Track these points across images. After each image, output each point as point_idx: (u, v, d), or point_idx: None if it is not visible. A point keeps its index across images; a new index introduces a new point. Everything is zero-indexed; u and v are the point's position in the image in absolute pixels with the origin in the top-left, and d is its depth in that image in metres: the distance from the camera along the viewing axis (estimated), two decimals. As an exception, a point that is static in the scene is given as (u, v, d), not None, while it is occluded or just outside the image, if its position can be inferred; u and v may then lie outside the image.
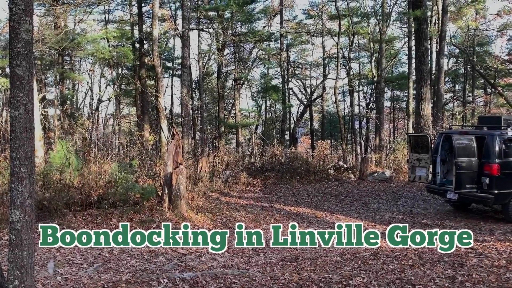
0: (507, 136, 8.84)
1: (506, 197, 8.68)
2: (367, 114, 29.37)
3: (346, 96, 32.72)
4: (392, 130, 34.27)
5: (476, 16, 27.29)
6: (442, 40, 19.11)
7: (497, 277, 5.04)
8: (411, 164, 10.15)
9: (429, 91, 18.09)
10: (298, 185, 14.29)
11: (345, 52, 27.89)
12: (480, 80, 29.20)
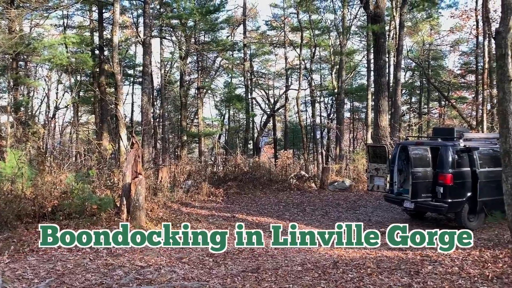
0: (459, 147, 9.23)
1: (459, 205, 9.03)
2: (328, 125, 29.93)
3: (308, 106, 33.24)
4: (352, 140, 35.11)
5: (431, 32, 28.56)
6: (399, 54, 19.83)
7: (450, 284, 5.21)
8: (370, 174, 10.39)
9: (387, 103, 18.68)
10: (261, 194, 14.31)
11: (307, 63, 28.38)
12: (435, 93, 30.45)
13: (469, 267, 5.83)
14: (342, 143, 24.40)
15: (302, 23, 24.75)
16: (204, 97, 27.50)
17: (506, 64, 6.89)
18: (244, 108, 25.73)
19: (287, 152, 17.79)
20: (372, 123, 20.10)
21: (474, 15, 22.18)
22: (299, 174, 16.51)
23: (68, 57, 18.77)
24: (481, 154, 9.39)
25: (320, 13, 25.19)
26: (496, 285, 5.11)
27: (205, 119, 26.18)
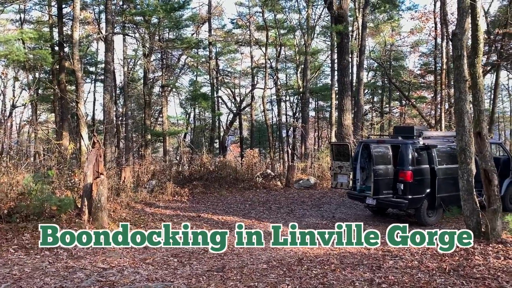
0: (419, 145, 9.54)
1: (418, 201, 9.33)
2: (293, 123, 30.23)
3: (274, 105, 33.43)
4: (317, 138, 35.58)
5: (392, 33, 29.38)
6: (362, 54, 20.28)
7: (410, 278, 5.37)
8: (333, 172, 10.56)
9: (350, 102, 19.07)
10: (227, 193, 14.27)
11: (272, 62, 28.55)
12: (396, 92, 31.33)
13: (428, 261, 6.03)
14: (308, 142, 24.71)
15: (268, 22, 24.87)
16: (169, 95, 27.12)
17: (462, 65, 7.18)
18: (210, 107, 25.58)
19: (253, 151, 17.78)
20: (336, 121, 20.44)
21: (433, 17, 22.98)
22: (265, 173, 16.58)
23: (25, 53, 18.01)
24: (439, 151, 9.73)
25: (285, 13, 25.36)
26: (452, 277, 5.31)
27: (170, 118, 25.78)
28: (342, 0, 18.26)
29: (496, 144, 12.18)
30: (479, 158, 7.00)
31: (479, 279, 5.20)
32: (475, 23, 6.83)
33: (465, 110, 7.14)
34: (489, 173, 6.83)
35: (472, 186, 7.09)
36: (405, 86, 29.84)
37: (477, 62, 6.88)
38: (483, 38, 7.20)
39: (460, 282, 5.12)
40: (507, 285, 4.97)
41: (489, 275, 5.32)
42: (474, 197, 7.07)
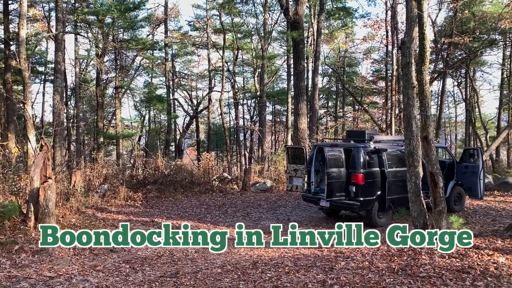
0: (370, 148, 9.84)
1: (370, 203, 9.62)
2: (251, 127, 30.36)
3: (231, 108, 33.47)
4: (274, 142, 35.96)
5: (346, 40, 30.22)
6: (316, 59, 20.70)
7: (361, 278, 5.50)
8: (289, 175, 10.69)
9: (306, 106, 19.40)
10: (182, 197, 14.09)
11: (230, 65, 28.57)
12: (349, 98, 32.24)
13: (378, 261, 6.21)
14: (264, 145, 24.90)
15: (225, 25, 24.89)
16: (123, 97, 26.46)
17: (410, 72, 7.48)
18: (165, 109, 25.19)
19: (210, 154, 17.67)
20: (292, 125, 20.74)
21: (384, 26, 23.86)
22: (221, 176, 16.52)
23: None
24: (389, 155, 10.09)
25: (242, 17, 25.49)
26: (401, 276, 5.50)
27: (123, 120, 25.15)
28: (298, 6, 18.56)
29: (442, 148, 12.79)
30: (426, 162, 7.31)
31: (425, 277, 5.40)
32: (422, 32, 7.15)
33: (413, 115, 7.44)
34: (435, 176, 7.14)
35: (419, 188, 7.39)
36: (358, 91, 30.77)
37: (424, 69, 7.19)
38: (429, 47, 7.54)
39: (408, 281, 5.30)
40: (451, 283, 5.20)
41: (435, 273, 5.54)
42: (421, 198, 7.36)
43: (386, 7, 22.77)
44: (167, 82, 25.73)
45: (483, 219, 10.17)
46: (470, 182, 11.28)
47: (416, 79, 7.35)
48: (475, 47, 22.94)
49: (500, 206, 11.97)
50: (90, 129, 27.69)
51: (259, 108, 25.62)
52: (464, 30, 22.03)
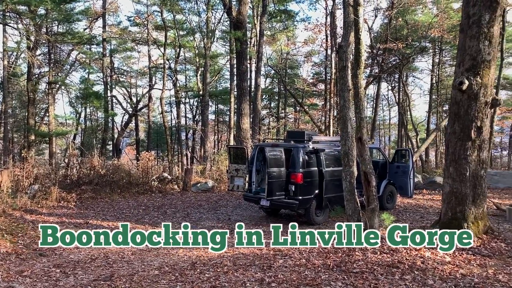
0: (309, 149, 10.09)
1: (308, 202, 9.85)
2: (193, 126, 30.02)
3: (173, 107, 32.90)
4: (217, 142, 35.81)
5: (288, 42, 30.78)
6: (259, 60, 20.89)
7: (298, 275, 5.62)
8: (230, 174, 10.67)
9: (248, 107, 19.51)
10: (119, 198, 13.62)
11: (171, 63, 28.06)
12: (291, 99, 32.88)
13: (314, 259, 6.38)
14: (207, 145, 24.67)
15: (167, 22, 24.39)
16: (57, 93, 25.14)
17: (347, 75, 7.77)
18: (102, 107, 24.20)
19: (150, 154, 17.19)
20: (235, 125, 20.77)
21: (324, 30, 24.56)
22: (161, 176, 16.16)
23: None
24: (327, 155, 10.40)
25: (184, 14, 25.13)
26: (335, 273, 5.69)
27: (57, 117, 23.86)
28: (241, 7, 18.63)
29: (376, 148, 13.40)
30: (360, 161, 7.61)
31: (358, 273, 5.63)
32: (358, 37, 7.44)
33: (349, 117, 7.73)
34: (368, 175, 7.46)
35: (354, 187, 7.69)
36: (299, 93, 31.45)
37: (359, 73, 7.49)
38: (366, 52, 7.87)
39: (342, 277, 5.49)
40: (381, 277, 5.45)
41: (367, 269, 5.79)
42: (356, 197, 7.66)
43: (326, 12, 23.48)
44: (105, 79, 24.72)
45: (413, 216, 10.78)
46: (401, 181, 11.92)
47: (352, 82, 7.64)
48: (408, 53, 24.32)
49: (428, 204, 12.76)
50: (20, 126, 25.97)
51: (202, 108, 25.39)
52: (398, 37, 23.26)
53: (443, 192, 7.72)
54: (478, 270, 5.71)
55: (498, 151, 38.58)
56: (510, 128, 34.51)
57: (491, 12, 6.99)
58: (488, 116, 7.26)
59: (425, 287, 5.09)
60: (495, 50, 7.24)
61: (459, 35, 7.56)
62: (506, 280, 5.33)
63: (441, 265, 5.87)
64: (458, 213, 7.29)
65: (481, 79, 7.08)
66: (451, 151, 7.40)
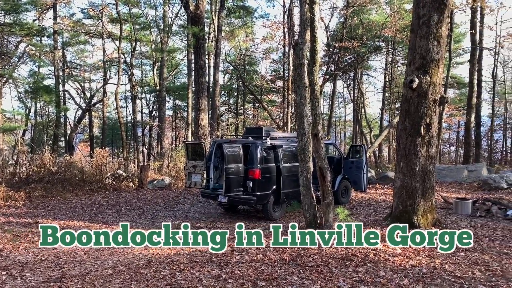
0: (267, 145, 10.15)
1: (266, 197, 9.93)
2: (149, 122, 29.43)
3: (128, 102, 32.12)
4: (174, 138, 35.33)
5: (247, 38, 30.78)
6: (217, 56, 20.76)
7: (255, 270, 5.65)
8: (188, 171, 10.57)
9: (207, 103, 19.36)
10: (72, 196, 13.16)
11: (127, 57, 27.34)
12: (250, 95, 32.97)
13: (271, 253, 6.43)
14: (164, 141, 24.33)
15: (122, 15, 23.70)
16: (4, 86, 23.83)
17: (303, 72, 7.86)
18: (54, 102, 23.21)
19: (104, 150, 16.67)
20: (193, 121, 20.56)
21: (282, 27, 24.76)
22: (116, 173, 15.74)
23: None
24: (284, 151, 10.51)
25: (141, 7, 24.52)
26: (291, 267, 5.76)
27: (4, 112, 22.66)
28: (199, 1, 18.42)
29: (331, 144, 13.69)
30: (316, 157, 7.74)
31: (313, 267, 5.73)
32: (314, 35, 7.55)
33: (305, 113, 7.83)
34: (323, 171, 7.60)
35: (310, 182, 7.81)
36: (258, 89, 31.56)
37: (315, 70, 7.60)
38: (321, 49, 8.00)
39: (298, 271, 5.57)
40: (336, 270, 5.58)
41: (322, 262, 5.90)
42: (312, 192, 7.80)
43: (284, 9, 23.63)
44: (56, 72, 23.72)
45: (366, 210, 11.11)
46: (355, 176, 12.26)
47: (308, 79, 7.74)
48: (363, 52, 25.01)
49: (381, 198, 13.20)
50: (-38, 121, 24.43)
51: (159, 103, 24.96)
52: (353, 36, 23.86)
53: (394, 187, 8.01)
54: (426, 261, 5.97)
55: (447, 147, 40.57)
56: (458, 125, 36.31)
57: (439, 13, 7.29)
58: (436, 113, 7.59)
59: (377, 278, 5.25)
60: (443, 50, 7.57)
61: (410, 35, 7.84)
62: (452, 270, 5.60)
63: (392, 257, 6.08)
64: (408, 206, 7.59)
65: (430, 78, 7.38)
66: (402, 147, 7.68)
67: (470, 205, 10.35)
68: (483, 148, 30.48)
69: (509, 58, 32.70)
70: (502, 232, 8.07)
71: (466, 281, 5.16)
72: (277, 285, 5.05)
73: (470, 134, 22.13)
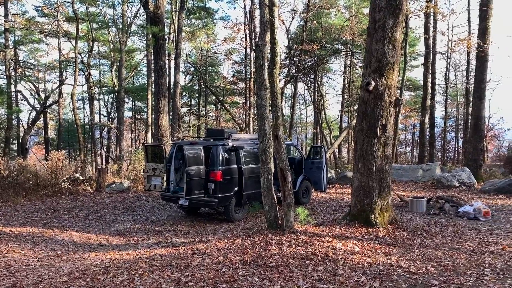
0: (228, 146, 10.13)
1: (227, 199, 9.90)
2: (107, 124, 28.68)
3: (86, 104, 31.15)
4: (134, 140, 34.61)
5: (208, 40, 30.62)
6: (178, 57, 20.51)
7: (216, 273, 5.61)
8: (147, 174, 10.37)
9: (167, 104, 19.07)
10: (25, 201, 12.59)
11: (84, 57, 26.52)
12: (212, 97, 32.81)
13: (232, 255, 6.42)
14: (123, 143, 23.74)
15: (79, 14, 22.96)
16: (-51, 86, 22.49)
17: (263, 74, 7.90)
18: (5, 103, 22.15)
19: (60, 153, 16.03)
20: (153, 123, 20.18)
21: (243, 29, 24.82)
22: (73, 177, 15.20)
23: None
24: (246, 152, 10.53)
25: (98, 6, 23.87)
26: (252, 268, 5.77)
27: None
28: (159, 1, 18.13)
29: (292, 145, 13.84)
30: (277, 158, 7.80)
31: (274, 267, 5.77)
32: (274, 37, 7.61)
33: (266, 115, 7.88)
34: (284, 171, 7.67)
35: (271, 183, 7.86)
36: (220, 91, 31.48)
37: (275, 72, 7.66)
38: (282, 52, 8.08)
39: (258, 272, 5.59)
40: (296, 270, 5.64)
41: (282, 262, 5.95)
42: (273, 193, 7.84)
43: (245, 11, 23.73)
44: (8, 72, 22.63)
45: (326, 210, 11.30)
46: (316, 177, 12.46)
47: (269, 81, 7.79)
48: (322, 55, 25.47)
49: (340, 197, 13.47)
50: None
51: (117, 104, 24.35)
52: (314, 39, 24.27)
53: (352, 186, 8.19)
54: (383, 258, 6.14)
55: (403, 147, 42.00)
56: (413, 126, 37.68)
57: (394, 17, 7.54)
58: (392, 115, 7.84)
59: (336, 276, 5.35)
60: (398, 54, 7.83)
61: (366, 38, 8.06)
62: (407, 266, 5.80)
63: (350, 255, 6.22)
64: (366, 205, 7.79)
65: (386, 80, 7.61)
66: (359, 147, 7.88)
67: (425, 203, 10.76)
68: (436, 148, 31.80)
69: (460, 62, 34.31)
70: (454, 228, 8.45)
71: (420, 277, 5.35)
72: (238, 287, 5.05)
73: (424, 134, 23.02)
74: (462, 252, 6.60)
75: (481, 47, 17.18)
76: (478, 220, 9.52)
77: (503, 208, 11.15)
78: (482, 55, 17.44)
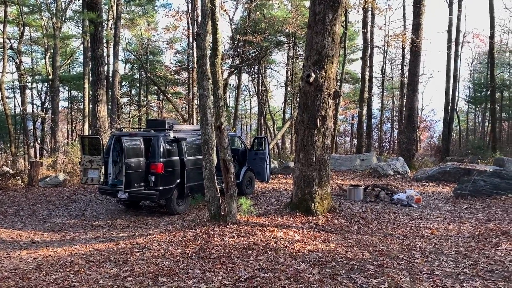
0: (170, 137, 9.91)
1: (169, 192, 9.71)
2: (41, 114, 27.08)
3: (17, 93, 29.19)
4: (70, 131, 32.99)
5: (149, 28, 29.69)
6: (116, 44, 19.75)
7: (156, 267, 5.49)
8: (83, 167, 9.91)
9: (105, 94, 18.33)
10: None
11: (14, 43, 24.78)
12: (154, 87, 31.97)
13: (174, 248, 6.31)
14: (58, 135, 22.51)
15: (7, -4, 21.35)
16: None
17: (205, 63, 7.78)
18: None
19: (-14, 145, 14.99)
20: (90, 113, 19.32)
21: (186, 17, 24.34)
22: (1, 171, 14.23)
23: None
24: (188, 144, 10.36)
25: (29, -12, 22.33)
26: (194, 260, 5.71)
27: None
28: (96, -14, 17.29)
29: (236, 137, 13.84)
30: (220, 149, 7.75)
31: (216, 258, 5.74)
32: (215, 26, 7.51)
33: (208, 106, 7.79)
34: (227, 162, 7.65)
35: (213, 174, 7.80)
36: (162, 81, 30.72)
37: (217, 62, 7.58)
38: (226, 42, 7.99)
39: (200, 264, 5.54)
40: (238, 260, 5.66)
41: (225, 253, 5.94)
42: (215, 184, 7.80)
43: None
44: None
45: (269, 200, 11.44)
46: (259, 168, 12.57)
47: (211, 71, 7.69)
48: (266, 46, 25.61)
49: (283, 187, 13.70)
50: None
51: (52, 94, 23.02)
52: (257, 30, 24.33)
53: (294, 176, 8.35)
54: (322, 246, 6.32)
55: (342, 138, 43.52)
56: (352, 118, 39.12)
57: (333, 11, 7.71)
58: (331, 106, 8.05)
59: (277, 265, 5.43)
60: (337, 47, 8.03)
61: (307, 31, 8.18)
62: (345, 252, 6.01)
63: (291, 244, 6.34)
64: (306, 194, 7.97)
65: (325, 73, 7.79)
66: (300, 138, 8.03)
67: (362, 192, 11.22)
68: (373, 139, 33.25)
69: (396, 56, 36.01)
70: (389, 215, 8.88)
71: (356, 262, 5.57)
72: (179, 280, 4.98)
73: (362, 126, 23.96)
74: (396, 237, 6.95)
75: (415, 42, 18.10)
76: (410, 206, 10.07)
77: (433, 195, 11.89)
78: (415, 50, 18.39)
